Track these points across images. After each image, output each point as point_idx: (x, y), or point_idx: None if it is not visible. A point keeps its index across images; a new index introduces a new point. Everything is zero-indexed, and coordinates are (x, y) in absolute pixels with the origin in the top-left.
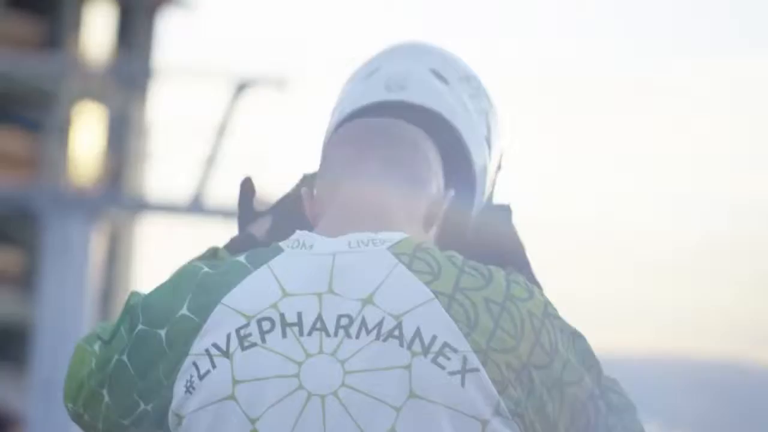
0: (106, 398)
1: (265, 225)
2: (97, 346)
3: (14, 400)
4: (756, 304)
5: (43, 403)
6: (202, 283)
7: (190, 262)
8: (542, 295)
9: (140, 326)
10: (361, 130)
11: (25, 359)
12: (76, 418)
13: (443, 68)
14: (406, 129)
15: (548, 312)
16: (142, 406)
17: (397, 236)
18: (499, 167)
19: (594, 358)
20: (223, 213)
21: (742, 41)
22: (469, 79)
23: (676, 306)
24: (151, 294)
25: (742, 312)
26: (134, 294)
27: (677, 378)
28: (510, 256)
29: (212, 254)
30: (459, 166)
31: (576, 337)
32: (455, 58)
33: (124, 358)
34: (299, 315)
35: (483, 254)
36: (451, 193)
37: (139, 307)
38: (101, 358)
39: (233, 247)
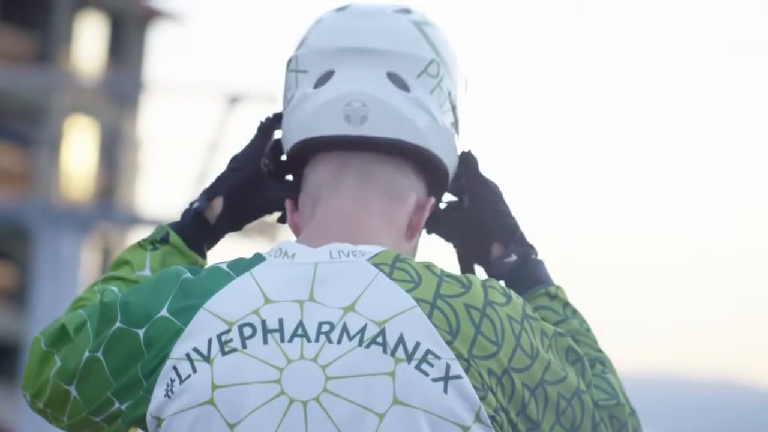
0: (74, 394)
1: (217, 207)
2: (58, 343)
3: (7, 414)
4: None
5: (35, 417)
6: (183, 286)
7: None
8: (518, 297)
9: (118, 324)
10: (336, 158)
11: (17, 374)
12: (38, 411)
13: (401, 67)
14: (378, 159)
15: (527, 314)
16: (117, 404)
17: (376, 249)
18: (465, 89)
19: (577, 353)
20: None
21: None
22: (427, 68)
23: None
24: (130, 293)
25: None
26: (108, 291)
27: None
28: (498, 227)
29: (163, 235)
30: (434, 175)
31: (558, 335)
32: (411, 46)
33: (99, 355)
34: (280, 321)
35: (470, 231)
36: (432, 200)
37: (117, 305)
38: (66, 355)
39: (182, 227)
